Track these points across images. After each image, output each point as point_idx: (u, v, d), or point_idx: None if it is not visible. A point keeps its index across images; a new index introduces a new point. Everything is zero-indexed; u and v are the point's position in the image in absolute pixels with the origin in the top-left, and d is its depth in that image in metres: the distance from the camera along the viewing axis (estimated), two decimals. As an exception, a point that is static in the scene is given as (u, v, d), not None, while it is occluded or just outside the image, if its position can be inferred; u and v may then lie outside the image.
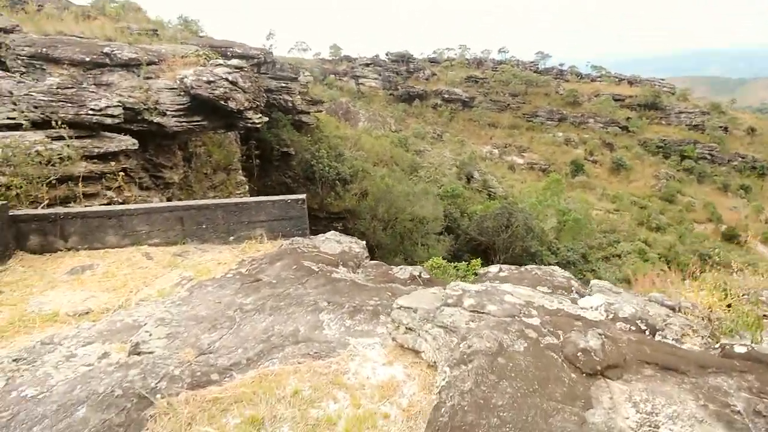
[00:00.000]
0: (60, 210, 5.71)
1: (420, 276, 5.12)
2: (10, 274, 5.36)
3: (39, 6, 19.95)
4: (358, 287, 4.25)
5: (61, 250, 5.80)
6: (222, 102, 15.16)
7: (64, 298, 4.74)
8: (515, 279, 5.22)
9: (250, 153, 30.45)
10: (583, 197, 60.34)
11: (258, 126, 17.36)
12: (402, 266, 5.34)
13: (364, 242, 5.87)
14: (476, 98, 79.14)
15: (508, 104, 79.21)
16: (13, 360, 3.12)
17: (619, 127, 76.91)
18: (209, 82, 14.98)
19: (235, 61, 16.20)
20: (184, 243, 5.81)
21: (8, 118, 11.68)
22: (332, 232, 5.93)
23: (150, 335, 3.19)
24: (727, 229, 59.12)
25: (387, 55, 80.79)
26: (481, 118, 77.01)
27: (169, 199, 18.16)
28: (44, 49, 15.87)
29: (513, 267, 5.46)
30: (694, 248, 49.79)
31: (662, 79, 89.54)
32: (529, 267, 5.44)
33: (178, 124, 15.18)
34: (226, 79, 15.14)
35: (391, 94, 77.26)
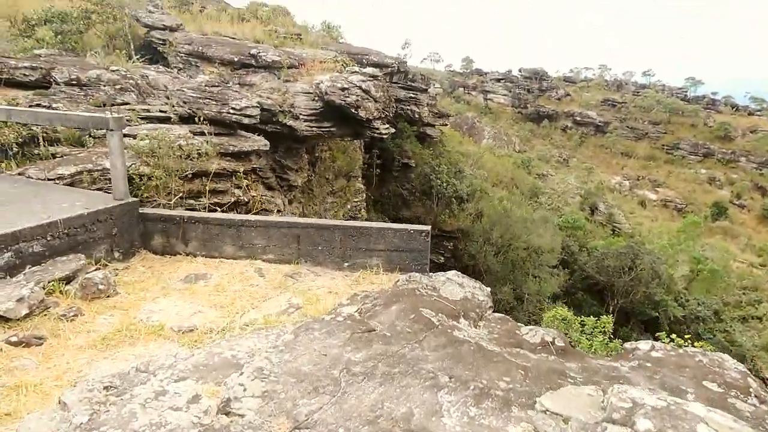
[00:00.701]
0: (184, 213, 5.68)
1: (554, 342, 4.31)
2: (131, 273, 5.37)
3: (202, 7, 21.60)
4: (485, 355, 3.56)
5: (181, 254, 5.76)
6: (352, 110, 15.18)
7: (173, 309, 4.58)
8: (673, 364, 4.23)
9: (371, 162, 30.75)
10: (724, 245, 54.09)
11: (384, 136, 17.25)
12: (532, 327, 4.56)
13: (489, 289, 5.16)
14: (611, 123, 74.30)
15: (647, 133, 73.36)
16: (104, 387, 2.86)
17: (778, 170, 67.88)
18: (343, 89, 15.06)
19: (369, 70, 16.20)
20: (297, 263, 5.49)
21: (160, 111, 12.50)
22: (454, 272, 5.29)
23: (244, 390, 2.78)
24: None
25: (520, 71, 78.59)
26: (614, 146, 72.11)
27: (290, 202, 18.64)
28: (200, 48, 17.02)
29: (668, 347, 4.45)
30: None
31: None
32: (690, 350, 4.39)
33: (309, 128, 15.44)
34: (360, 87, 15.14)
35: (519, 112, 75.07)
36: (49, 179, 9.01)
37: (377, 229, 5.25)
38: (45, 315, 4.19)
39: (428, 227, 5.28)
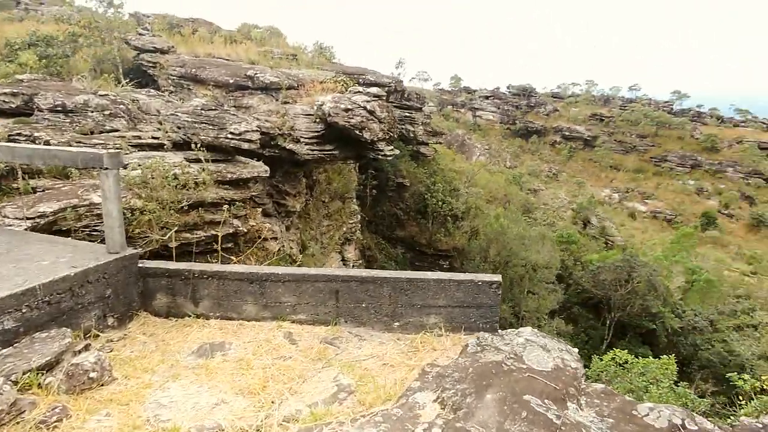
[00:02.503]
0: (195, 266, 4.63)
1: (684, 426, 3.35)
2: (129, 344, 4.30)
3: (194, 30, 20.72)
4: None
5: (190, 316, 4.70)
6: (357, 131, 14.27)
7: (188, 399, 3.53)
8: None
9: (366, 182, 30.00)
10: (717, 255, 54.07)
11: (389, 158, 16.36)
12: (651, 405, 3.59)
13: (576, 351, 4.20)
14: (599, 137, 74.65)
15: (635, 146, 73.83)
16: None
17: (764, 179, 68.49)
18: (347, 110, 14.16)
19: (374, 90, 15.35)
20: (335, 324, 4.47)
21: (152, 137, 11.46)
22: (530, 330, 4.32)
23: None
24: None
25: (508, 88, 78.88)
26: (603, 159, 72.35)
27: (287, 228, 17.58)
28: (193, 70, 16.05)
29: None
30: None
31: (825, 129, 78.83)
32: None
33: (311, 151, 14.49)
34: (364, 108, 14.25)
35: (508, 128, 75.11)
36: (28, 218, 7.92)
37: (436, 281, 4.27)
38: (18, 423, 3.12)
39: (499, 278, 4.30)
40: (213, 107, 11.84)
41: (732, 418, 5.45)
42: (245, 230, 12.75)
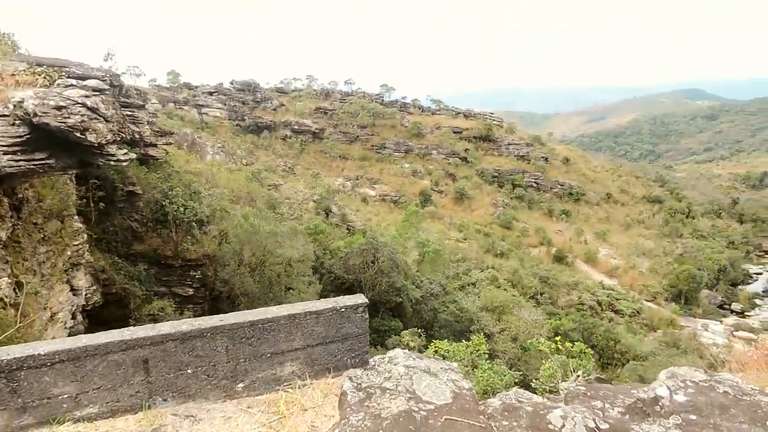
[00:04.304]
0: None
1: (598, 428, 3.14)
2: None
3: None
4: None
5: None
6: (78, 134, 11.50)
7: None
8: (717, 408, 3.46)
9: (89, 195, 25.28)
10: (439, 227, 62.49)
11: (124, 163, 13.76)
12: (561, 413, 3.28)
13: (456, 365, 3.70)
14: (326, 130, 78.88)
15: (357, 136, 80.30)
16: None
17: (459, 158, 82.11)
18: (59, 108, 11.27)
19: (93, 82, 12.58)
20: (150, 407, 3.06)
21: None
22: (401, 352, 3.64)
23: None
24: (556, 251, 65.87)
25: (232, 83, 76.88)
26: (332, 150, 76.77)
27: (-9, 264, 13.55)
28: None
29: (688, 379, 3.71)
30: (534, 271, 54.01)
31: (491, 113, 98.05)
32: (698, 377, 3.72)
33: (14, 162, 11.16)
34: (84, 105, 11.55)
35: (237, 125, 73.43)
36: None
37: (288, 317, 3.21)
38: None
39: (363, 298, 3.48)
40: None
41: (535, 382, 5.70)
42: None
